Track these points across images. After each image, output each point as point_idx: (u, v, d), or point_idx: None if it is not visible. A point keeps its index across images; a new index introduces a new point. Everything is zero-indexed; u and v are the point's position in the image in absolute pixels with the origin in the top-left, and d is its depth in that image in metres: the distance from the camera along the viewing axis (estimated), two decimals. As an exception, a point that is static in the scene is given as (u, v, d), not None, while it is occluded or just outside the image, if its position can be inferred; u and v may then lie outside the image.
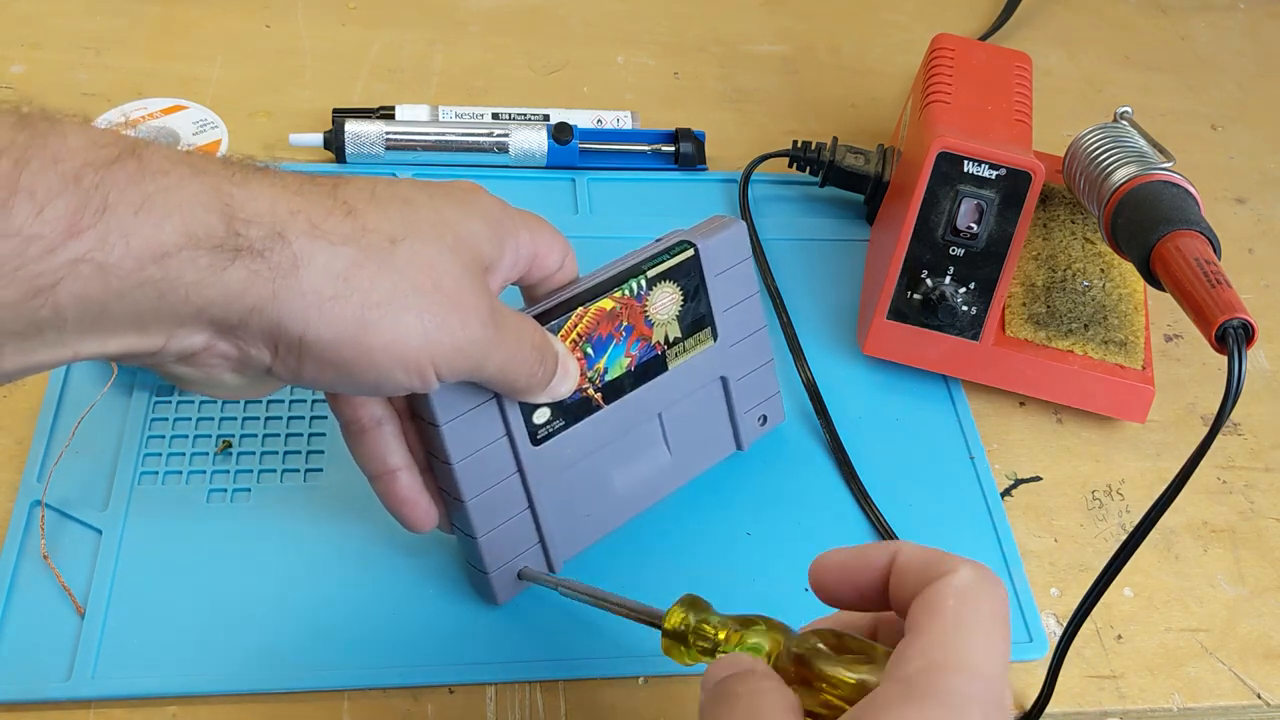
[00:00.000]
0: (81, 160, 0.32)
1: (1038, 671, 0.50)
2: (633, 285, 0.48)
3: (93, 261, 0.31)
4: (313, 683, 0.46)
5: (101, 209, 0.32)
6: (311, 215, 0.35)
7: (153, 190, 0.32)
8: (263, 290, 0.34)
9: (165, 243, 0.32)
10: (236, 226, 0.34)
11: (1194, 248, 0.49)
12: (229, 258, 0.33)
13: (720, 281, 0.51)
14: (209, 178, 0.34)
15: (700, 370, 0.51)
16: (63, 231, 0.31)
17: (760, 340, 0.54)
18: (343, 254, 0.35)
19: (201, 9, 0.75)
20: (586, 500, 0.49)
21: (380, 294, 0.36)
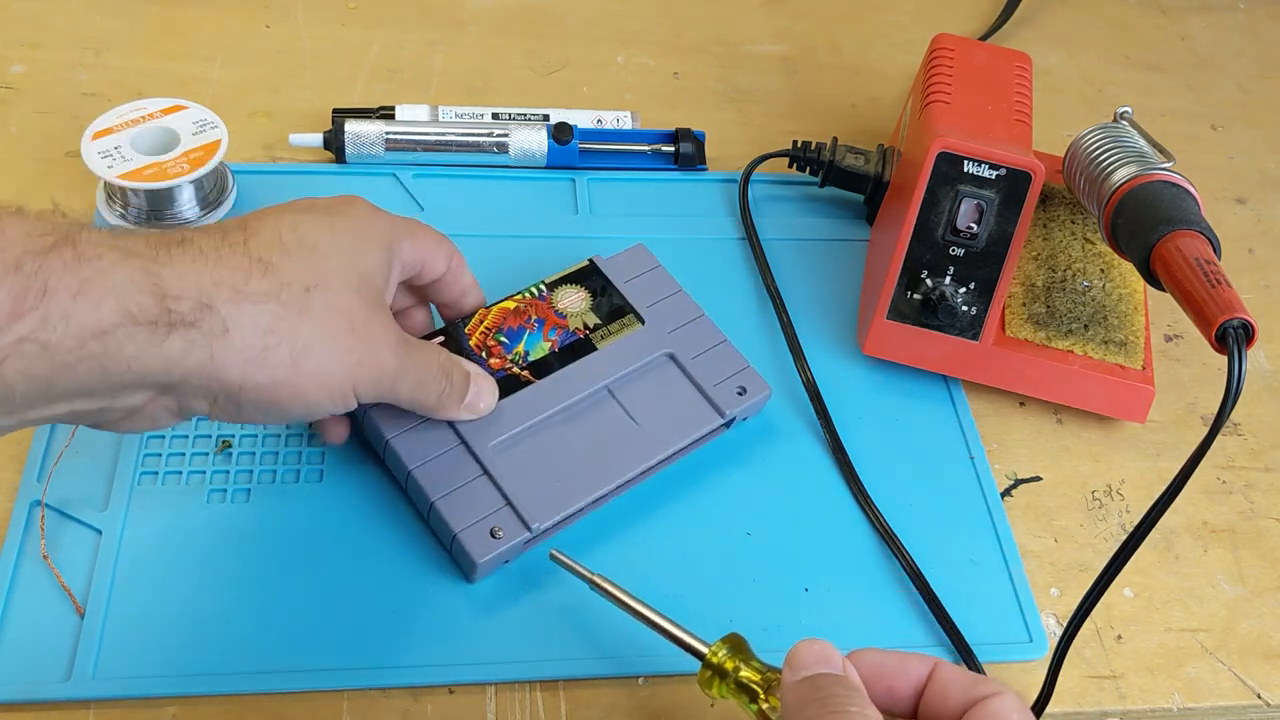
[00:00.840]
0: (20, 249, 0.35)
1: (1038, 671, 0.50)
2: (531, 290, 0.56)
3: (36, 340, 0.34)
4: (313, 683, 0.46)
5: (42, 293, 0.35)
6: (233, 281, 0.39)
7: (89, 274, 0.36)
8: (200, 355, 0.38)
9: (104, 321, 0.36)
10: (168, 303, 0.37)
11: (1194, 248, 0.49)
12: (164, 331, 0.37)
13: (634, 285, 0.57)
14: (138, 260, 0.37)
15: (637, 348, 0.55)
16: (6, 315, 0.34)
17: (704, 325, 0.57)
18: (266, 311, 0.40)
19: (201, 9, 0.75)
20: (551, 466, 0.51)
21: (304, 339, 0.41)
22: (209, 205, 0.61)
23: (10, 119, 0.66)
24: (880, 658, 0.40)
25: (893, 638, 0.50)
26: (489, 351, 0.54)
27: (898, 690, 0.40)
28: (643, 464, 0.52)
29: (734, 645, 0.43)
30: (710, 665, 0.43)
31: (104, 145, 0.59)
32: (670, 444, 0.53)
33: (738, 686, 0.42)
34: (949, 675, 0.39)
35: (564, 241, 0.64)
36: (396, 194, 0.65)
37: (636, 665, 0.48)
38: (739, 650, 0.43)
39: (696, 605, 0.50)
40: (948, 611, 0.51)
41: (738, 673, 0.42)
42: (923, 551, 0.53)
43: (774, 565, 0.52)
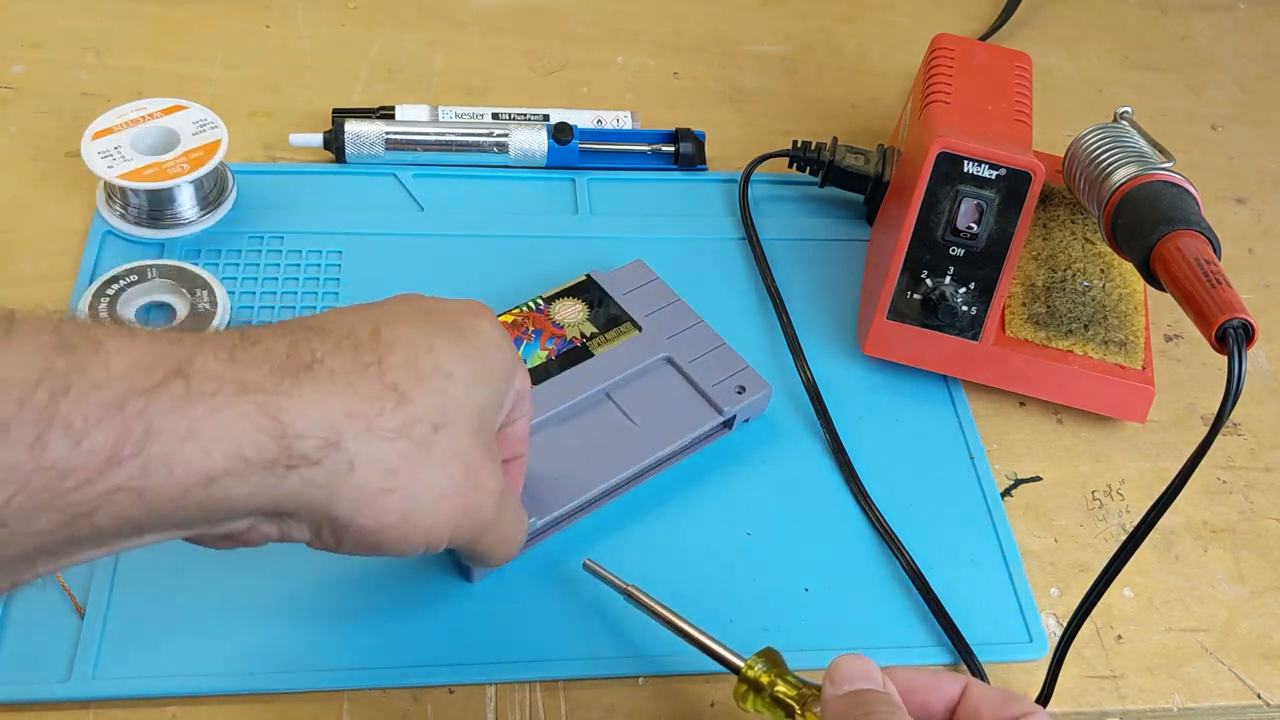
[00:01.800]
0: (125, 386, 0.31)
1: (1038, 671, 0.50)
2: (529, 304, 0.57)
3: (133, 490, 0.31)
4: (313, 683, 0.46)
5: (144, 437, 0.31)
6: (367, 413, 0.35)
7: (200, 414, 0.32)
8: (317, 493, 0.34)
9: (213, 468, 0.32)
10: (290, 443, 0.33)
11: (1194, 248, 0.49)
12: (281, 472, 0.33)
13: (632, 296, 0.58)
14: (257, 394, 0.33)
15: (635, 352, 0.55)
16: (102, 462, 0.30)
17: (702, 330, 0.57)
18: (394, 448, 0.36)
19: (201, 9, 0.75)
20: (548, 467, 0.50)
21: (421, 485, 0.37)
22: (209, 205, 0.61)
23: (10, 119, 0.66)
24: (913, 674, 0.40)
25: (893, 637, 0.50)
26: None
27: (930, 707, 0.40)
28: (640, 463, 0.52)
29: (770, 660, 0.43)
30: (746, 679, 0.43)
31: (104, 145, 0.59)
32: (668, 443, 0.53)
33: (773, 701, 0.42)
34: (981, 694, 0.39)
35: (564, 242, 0.64)
36: (396, 194, 0.65)
37: (636, 665, 0.48)
38: (775, 664, 0.43)
39: (697, 605, 0.50)
40: (948, 611, 0.51)
41: (773, 687, 0.42)
42: (923, 551, 0.53)
43: (774, 565, 0.52)
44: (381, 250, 0.62)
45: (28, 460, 0.29)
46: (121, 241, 0.60)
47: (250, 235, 0.61)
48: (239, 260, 0.60)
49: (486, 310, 0.43)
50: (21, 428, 0.29)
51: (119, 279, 0.56)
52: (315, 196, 0.64)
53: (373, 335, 0.37)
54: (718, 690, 0.48)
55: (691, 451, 0.54)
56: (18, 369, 0.30)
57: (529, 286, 0.58)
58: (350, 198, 0.64)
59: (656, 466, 0.53)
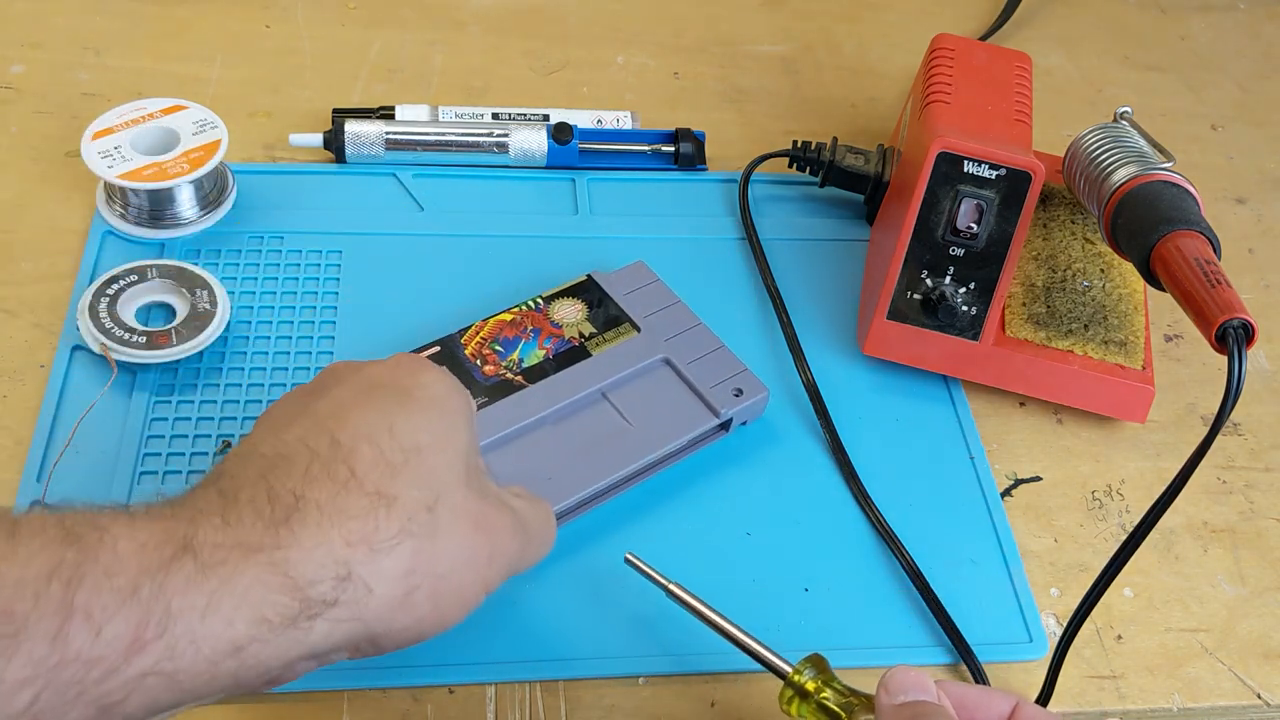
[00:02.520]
0: (136, 569, 0.31)
1: (1038, 671, 0.50)
2: (528, 303, 0.57)
3: (161, 674, 0.31)
4: (313, 683, 0.46)
5: (164, 618, 0.31)
6: (364, 534, 0.35)
7: (214, 586, 0.32)
8: (346, 629, 0.34)
9: (238, 637, 0.32)
10: (306, 592, 0.33)
11: (1194, 248, 0.49)
12: (306, 625, 0.33)
13: (632, 297, 0.58)
14: (261, 554, 0.33)
15: (633, 353, 0.55)
16: (125, 649, 0.30)
17: (701, 332, 0.57)
18: (403, 551, 0.36)
19: (201, 9, 0.75)
20: (541, 465, 0.50)
21: (441, 564, 0.37)
22: (209, 205, 0.61)
23: (10, 119, 0.66)
24: (964, 691, 0.41)
25: (893, 638, 0.50)
26: (484, 359, 0.54)
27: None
28: (634, 463, 0.52)
29: (817, 666, 0.43)
30: (792, 685, 0.43)
31: (104, 145, 0.59)
32: (663, 444, 0.53)
33: (819, 709, 0.42)
34: (1032, 715, 0.40)
35: (564, 242, 0.64)
36: (396, 194, 0.65)
37: (636, 665, 0.48)
38: (822, 671, 0.43)
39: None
40: (948, 611, 0.51)
41: (820, 694, 0.42)
42: (923, 551, 0.53)
43: (774, 565, 0.52)
44: (381, 250, 0.62)
45: (51, 654, 0.29)
46: (121, 241, 0.60)
47: (250, 235, 0.61)
48: (239, 260, 0.60)
49: (417, 359, 0.43)
50: (40, 622, 0.29)
51: (119, 279, 0.56)
52: (315, 196, 0.64)
53: (332, 446, 0.37)
54: (718, 690, 0.48)
55: (688, 453, 0.54)
56: (28, 568, 0.30)
57: (529, 286, 0.58)
58: (350, 198, 0.64)
59: (652, 468, 0.53)
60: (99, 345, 0.53)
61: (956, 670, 0.50)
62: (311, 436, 0.37)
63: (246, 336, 0.57)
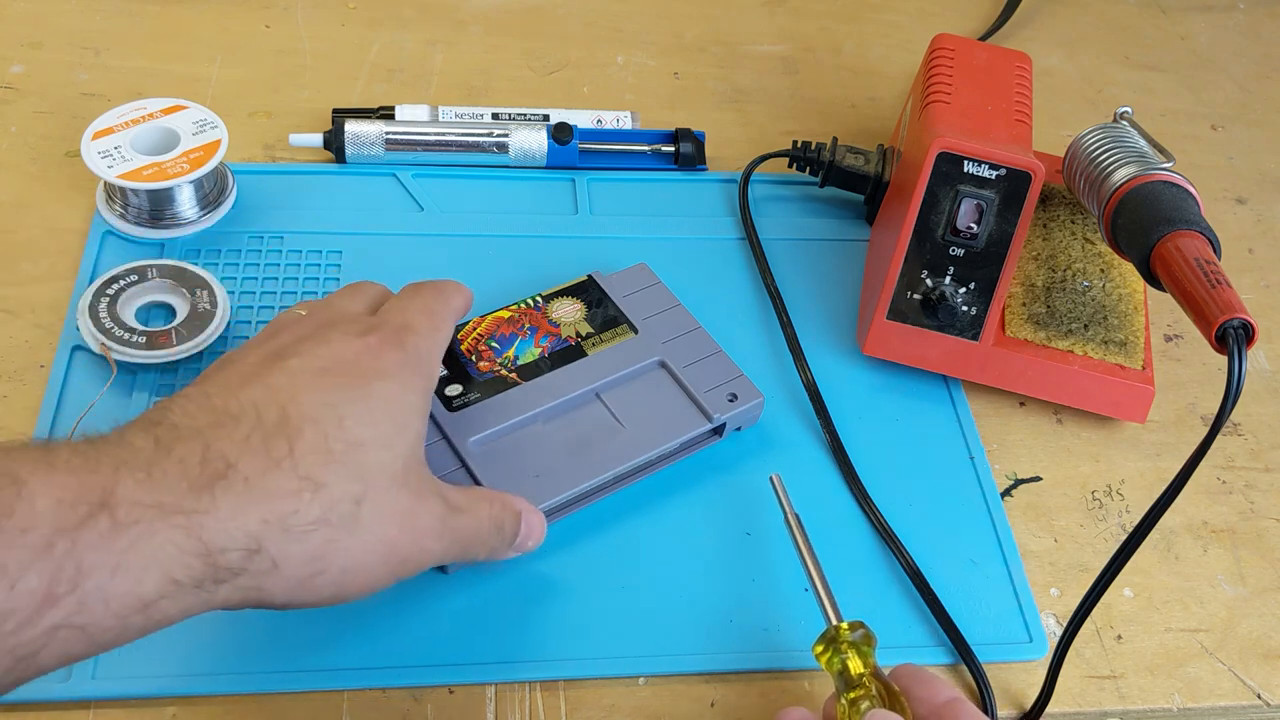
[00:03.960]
0: (51, 526, 0.32)
1: (1038, 671, 0.50)
2: (527, 300, 0.57)
3: (73, 626, 0.32)
4: (313, 683, 0.46)
5: (76, 575, 0.32)
6: (282, 515, 0.36)
7: (126, 546, 0.33)
8: (247, 594, 0.36)
9: (146, 595, 0.33)
10: (214, 558, 0.35)
11: (1194, 248, 0.49)
12: (211, 588, 0.35)
13: (632, 299, 0.58)
14: (178, 517, 0.34)
15: (629, 355, 0.55)
16: (38, 603, 0.31)
17: (699, 337, 0.57)
18: (316, 538, 0.37)
19: (201, 9, 0.75)
20: (531, 463, 0.50)
21: (353, 557, 0.38)
22: (209, 205, 0.61)
23: (10, 119, 0.66)
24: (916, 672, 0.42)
25: (893, 637, 0.50)
26: (479, 355, 0.54)
27: None
28: (623, 464, 0.52)
29: (865, 636, 0.44)
30: (832, 632, 0.44)
31: (104, 145, 0.59)
32: (654, 446, 0.52)
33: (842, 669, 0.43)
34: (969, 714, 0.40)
35: (564, 242, 0.64)
36: (396, 194, 0.65)
37: (636, 665, 0.48)
38: (864, 641, 0.43)
39: (697, 605, 0.50)
40: (948, 611, 0.51)
41: (847, 653, 0.43)
42: (923, 551, 0.53)
43: (774, 565, 0.52)
44: (381, 250, 0.62)
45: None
46: (121, 241, 0.60)
47: (250, 235, 0.61)
48: (239, 260, 0.60)
49: (386, 344, 0.42)
50: None
51: (119, 279, 0.56)
52: (315, 196, 0.64)
53: (279, 419, 0.37)
54: (718, 690, 0.48)
55: (681, 456, 0.54)
56: None
57: (529, 286, 0.58)
58: (350, 198, 0.64)
59: (643, 470, 0.53)
60: (99, 345, 0.53)
61: (956, 670, 0.50)
62: (263, 403, 0.38)
63: (246, 336, 0.57)
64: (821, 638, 0.44)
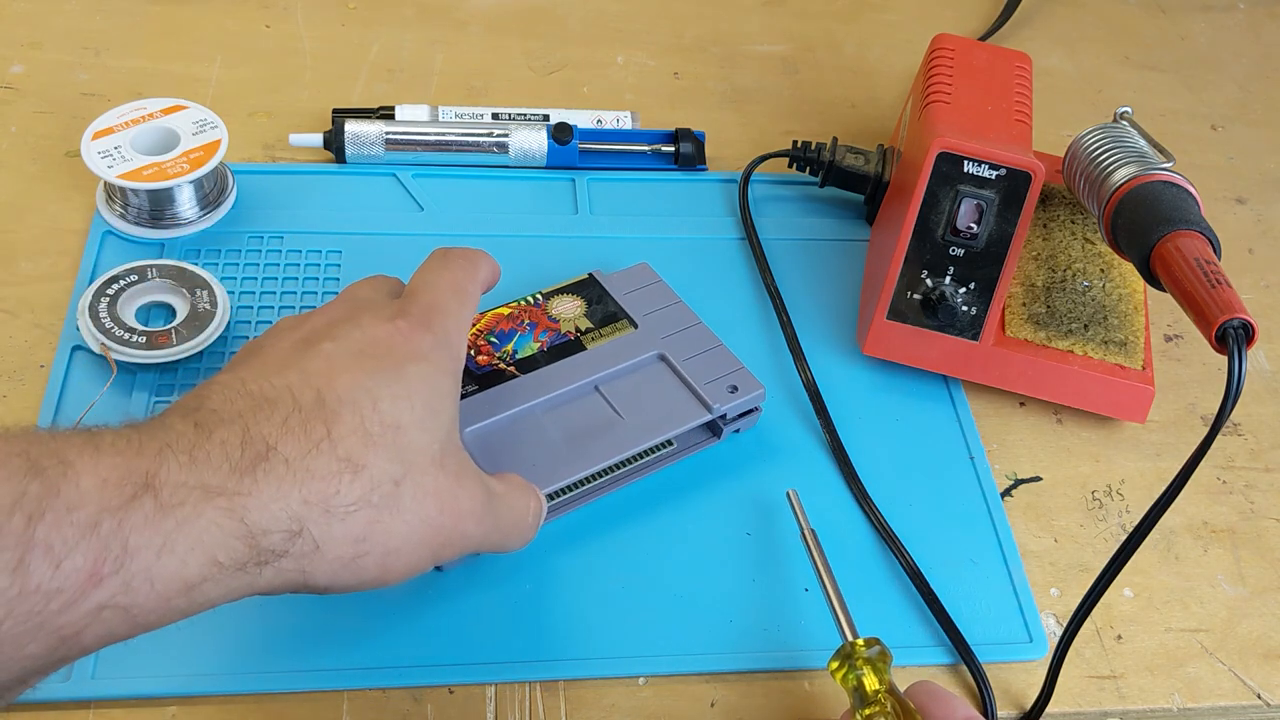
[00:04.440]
0: (97, 505, 0.32)
1: (1038, 671, 0.50)
2: (528, 298, 0.57)
3: (117, 607, 0.32)
4: (313, 683, 0.46)
5: (122, 555, 0.32)
6: (323, 496, 0.36)
7: (171, 527, 0.33)
8: (290, 577, 0.36)
9: (190, 577, 0.33)
10: (258, 541, 0.35)
11: (1194, 248, 0.49)
12: (255, 570, 0.35)
13: (633, 296, 0.57)
14: (221, 499, 0.34)
15: (628, 348, 0.55)
16: (83, 583, 0.31)
17: (700, 331, 0.56)
18: (358, 519, 0.37)
19: (201, 9, 0.75)
20: (527, 453, 0.50)
21: (396, 539, 0.38)
22: (209, 205, 0.61)
23: (10, 119, 0.66)
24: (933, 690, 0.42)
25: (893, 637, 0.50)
26: (478, 349, 0.54)
27: None
28: (623, 452, 0.51)
29: (881, 653, 0.44)
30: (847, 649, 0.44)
31: (104, 145, 0.59)
32: (652, 436, 0.52)
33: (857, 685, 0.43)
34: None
35: (564, 242, 0.64)
36: (396, 194, 0.65)
37: (636, 665, 0.48)
38: (880, 658, 0.44)
39: (697, 605, 0.50)
40: (948, 611, 0.51)
41: (862, 670, 0.43)
42: (923, 551, 0.53)
43: (774, 565, 0.52)
44: (381, 250, 0.62)
45: (12, 585, 0.30)
46: (121, 241, 0.60)
47: (250, 235, 0.61)
48: (239, 260, 0.60)
49: (417, 327, 0.42)
50: (2, 553, 0.30)
51: (119, 279, 0.56)
52: (315, 196, 0.64)
53: (316, 402, 0.37)
54: (718, 690, 0.48)
55: (681, 455, 0.54)
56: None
57: (529, 287, 0.58)
58: (350, 198, 0.64)
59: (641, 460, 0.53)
60: (99, 345, 0.53)
61: (956, 670, 0.50)
62: (299, 388, 0.38)
63: (246, 336, 0.57)
64: (837, 654, 0.44)
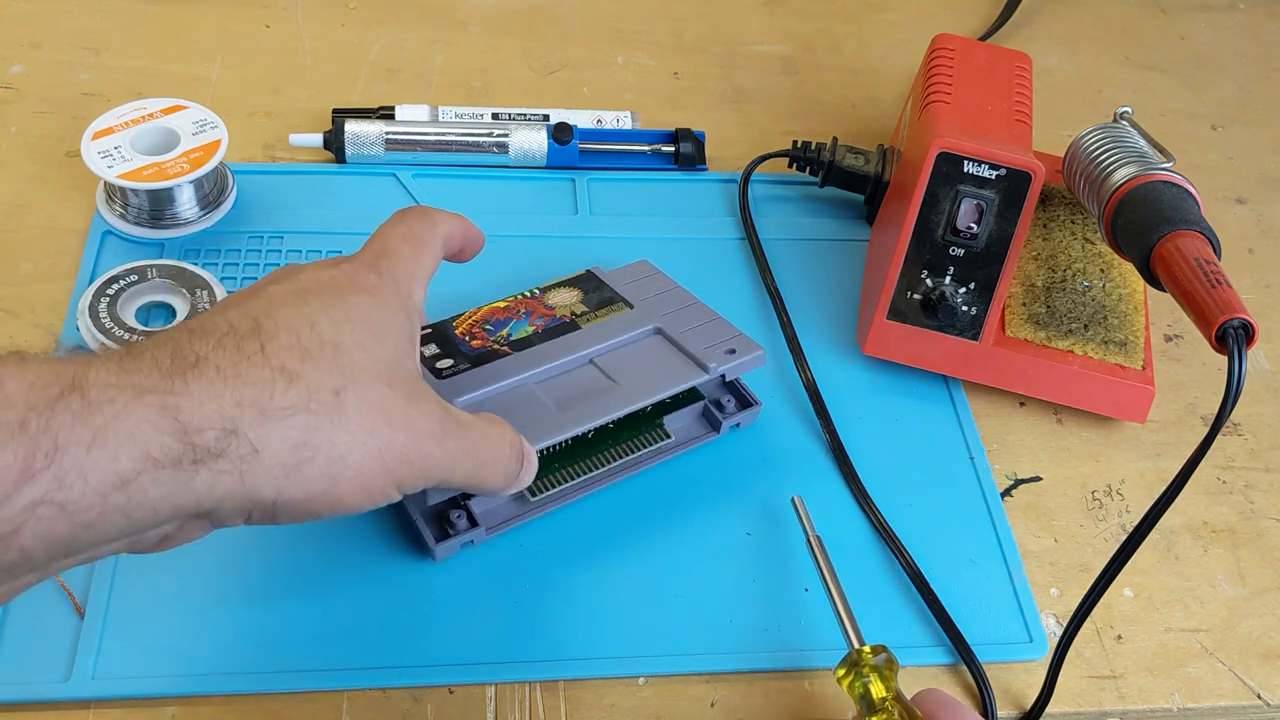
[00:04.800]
0: (24, 405, 0.32)
1: (1038, 671, 0.50)
2: (525, 292, 0.56)
3: (52, 503, 0.32)
4: (313, 683, 0.46)
5: (53, 451, 0.32)
6: (257, 399, 0.36)
7: (100, 423, 0.33)
8: (230, 482, 0.35)
9: (124, 471, 0.33)
10: (191, 438, 0.34)
11: (1194, 248, 0.49)
12: (191, 468, 0.34)
13: (631, 286, 0.57)
14: (152, 396, 0.34)
15: (624, 323, 0.54)
16: (16, 478, 0.31)
17: (697, 308, 0.56)
18: (296, 423, 0.36)
19: (201, 9, 0.75)
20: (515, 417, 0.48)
21: (340, 446, 0.37)
22: (209, 205, 0.61)
23: (10, 119, 0.66)
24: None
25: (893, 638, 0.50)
26: (473, 336, 0.54)
27: None
28: (616, 412, 0.50)
29: (887, 660, 0.44)
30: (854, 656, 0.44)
31: (104, 145, 0.59)
32: (648, 395, 0.51)
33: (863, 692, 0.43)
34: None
35: (564, 241, 0.64)
36: (396, 194, 0.65)
37: (636, 665, 0.48)
38: (887, 665, 0.44)
39: (697, 605, 0.50)
40: (948, 611, 0.51)
41: (868, 678, 0.43)
42: (923, 551, 0.53)
43: (774, 565, 0.52)
44: (381, 250, 0.61)
45: None
46: (121, 241, 0.60)
47: (250, 235, 0.61)
48: (239, 260, 0.60)
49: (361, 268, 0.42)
50: None
51: (119, 279, 0.56)
52: (315, 196, 0.64)
53: (253, 327, 0.38)
54: (718, 690, 0.48)
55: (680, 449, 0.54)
56: None
57: (528, 286, 0.58)
58: (350, 198, 0.64)
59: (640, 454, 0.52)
60: (99, 345, 0.53)
61: (956, 670, 0.50)
62: (237, 319, 0.38)
63: (246, 336, 0.57)
64: (844, 661, 0.44)
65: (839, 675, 0.44)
